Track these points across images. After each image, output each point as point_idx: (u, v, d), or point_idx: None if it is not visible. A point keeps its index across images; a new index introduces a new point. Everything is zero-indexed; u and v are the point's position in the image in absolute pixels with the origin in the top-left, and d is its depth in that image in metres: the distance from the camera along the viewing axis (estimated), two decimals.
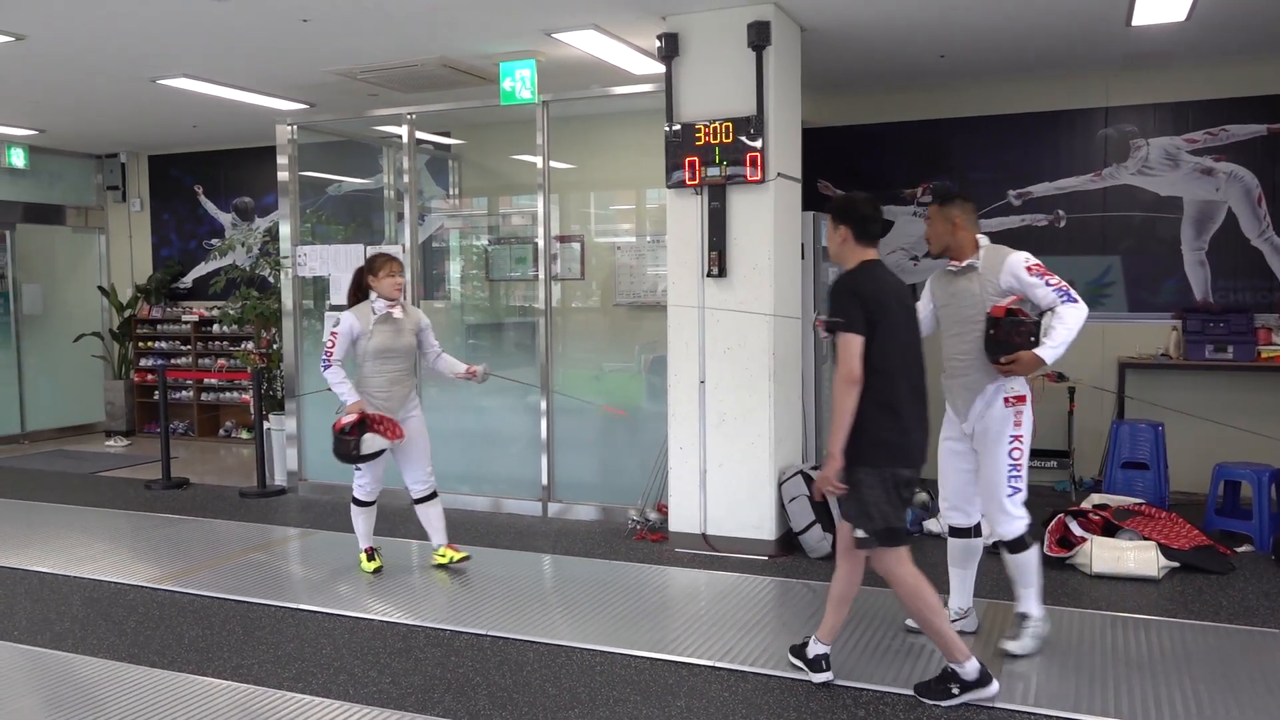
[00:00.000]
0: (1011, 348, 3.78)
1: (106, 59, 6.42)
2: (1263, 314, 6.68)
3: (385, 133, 7.91)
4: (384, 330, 5.05)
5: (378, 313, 5.05)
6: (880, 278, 3.64)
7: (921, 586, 3.55)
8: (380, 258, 5.08)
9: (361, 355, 5.06)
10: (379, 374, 5.06)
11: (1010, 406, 3.90)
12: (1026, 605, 4.06)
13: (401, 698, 3.72)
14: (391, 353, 5.07)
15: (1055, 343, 3.73)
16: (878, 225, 3.71)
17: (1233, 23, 5.74)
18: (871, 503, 3.54)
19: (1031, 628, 4.03)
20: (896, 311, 3.60)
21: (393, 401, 5.07)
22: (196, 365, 10.04)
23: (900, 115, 7.54)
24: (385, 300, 5.05)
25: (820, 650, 3.77)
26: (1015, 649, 3.98)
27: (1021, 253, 3.90)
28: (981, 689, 3.53)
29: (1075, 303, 3.76)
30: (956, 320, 4.00)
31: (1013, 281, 3.85)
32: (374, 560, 5.32)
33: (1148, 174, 6.93)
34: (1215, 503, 5.80)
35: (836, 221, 3.70)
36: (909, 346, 3.63)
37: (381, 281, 5.03)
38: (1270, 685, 3.71)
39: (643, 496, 6.18)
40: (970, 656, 3.54)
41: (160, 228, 10.58)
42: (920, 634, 4.19)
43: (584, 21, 5.65)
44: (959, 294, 3.99)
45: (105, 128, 9.05)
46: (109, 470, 8.45)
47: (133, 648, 4.27)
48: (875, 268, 3.66)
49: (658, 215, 6.56)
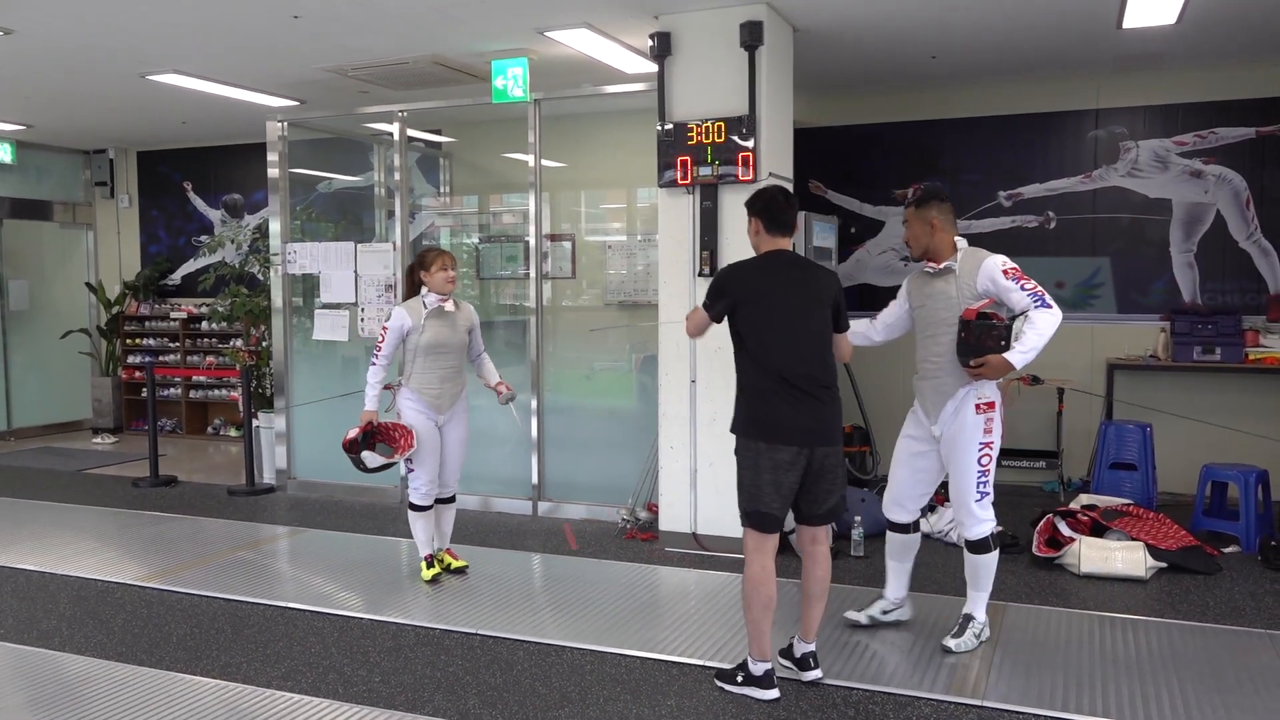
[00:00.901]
0: (982, 350, 3.78)
1: (95, 54, 6.38)
2: (1250, 316, 6.72)
3: (376, 130, 7.89)
4: (435, 325, 4.92)
5: (429, 307, 4.92)
6: (767, 267, 3.70)
7: (763, 583, 3.60)
8: (433, 251, 4.96)
9: (413, 351, 4.93)
10: (431, 370, 4.93)
11: (981, 414, 3.91)
12: (974, 607, 4.11)
13: (391, 696, 3.71)
14: (444, 348, 4.93)
15: (1025, 348, 3.73)
16: (788, 216, 3.75)
17: (1223, 26, 5.77)
18: (744, 479, 3.62)
19: (973, 629, 4.07)
20: (776, 299, 3.62)
21: (444, 400, 4.95)
22: (185, 362, 10.00)
23: (892, 116, 7.56)
24: (437, 295, 4.93)
25: (806, 649, 3.78)
26: (954, 646, 4.02)
27: (999, 256, 3.90)
28: (760, 689, 3.62)
29: (1049, 308, 3.75)
30: (931, 322, 4.01)
31: (989, 284, 3.84)
32: (433, 567, 5.09)
33: (1137, 176, 6.96)
34: (1202, 503, 5.83)
35: (750, 213, 3.80)
36: (787, 333, 3.60)
37: (434, 276, 4.90)
38: (1257, 685, 3.73)
39: (633, 496, 6.18)
40: (768, 661, 3.64)
41: (149, 224, 10.53)
42: (867, 627, 4.29)
43: (576, 20, 5.64)
44: (935, 295, 4.00)
45: (94, 123, 9.00)
46: (96, 468, 8.41)
47: (120, 646, 4.25)
48: (771, 258, 3.73)
49: (649, 214, 6.56)
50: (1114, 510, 5.57)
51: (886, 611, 4.32)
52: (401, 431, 4.90)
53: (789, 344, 3.61)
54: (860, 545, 5.45)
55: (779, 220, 3.73)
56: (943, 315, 3.94)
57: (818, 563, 3.76)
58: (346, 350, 7.43)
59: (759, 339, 3.61)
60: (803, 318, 3.64)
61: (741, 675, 3.68)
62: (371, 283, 6.96)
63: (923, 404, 4.08)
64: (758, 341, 3.61)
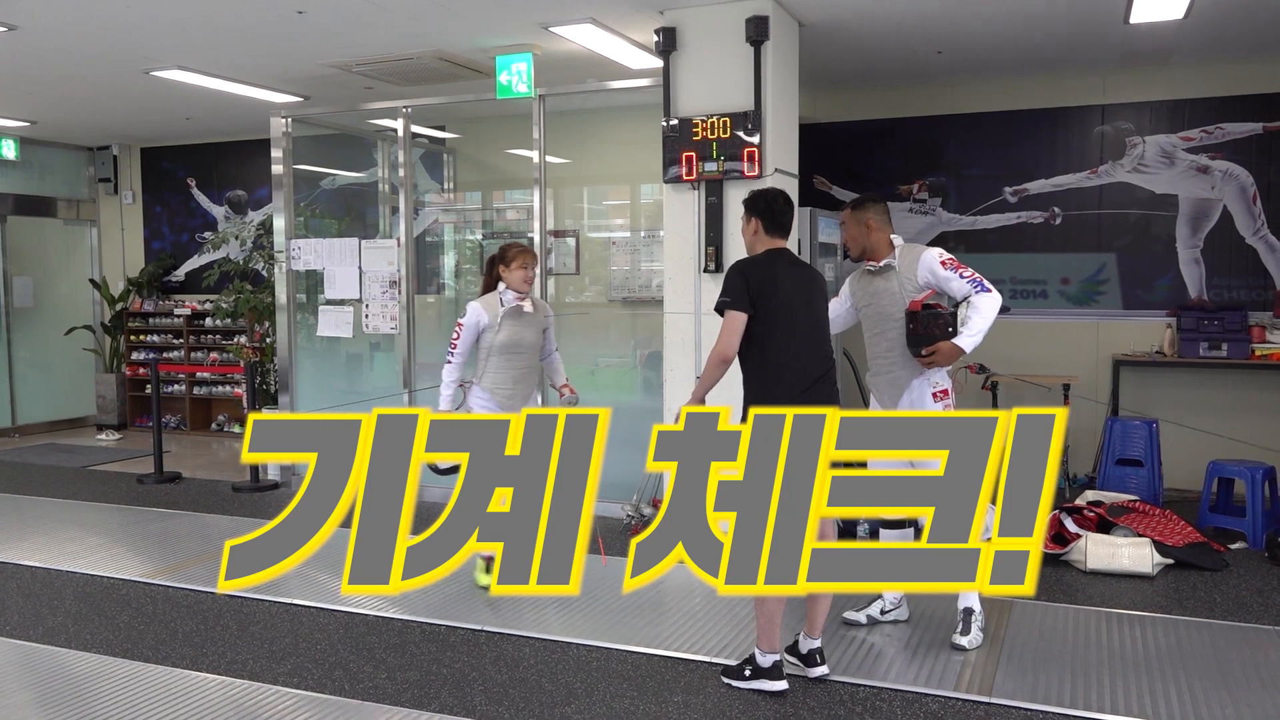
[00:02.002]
0: (931, 339, 3.91)
1: (99, 50, 6.38)
2: (1257, 312, 6.70)
3: (380, 126, 7.89)
4: (512, 324, 4.72)
5: (506, 304, 4.72)
6: (774, 264, 3.72)
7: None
8: (514, 247, 4.75)
9: (486, 350, 4.73)
10: (504, 369, 4.74)
11: (939, 401, 4.04)
12: (970, 601, 4.13)
13: (397, 693, 3.71)
14: (519, 348, 4.75)
15: (973, 331, 3.87)
16: (788, 219, 3.81)
17: (1230, 21, 5.75)
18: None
19: (976, 622, 4.09)
20: (787, 294, 3.66)
21: (516, 400, 4.78)
22: (189, 359, 10.00)
23: (897, 111, 7.54)
24: (515, 292, 4.73)
25: (812, 645, 3.77)
26: (966, 644, 4.02)
27: (935, 248, 4.06)
28: (770, 680, 3.62)
29: (989, 292, 3.90)
30: (878, 319, 4.12)
31: (929, 276, 3.98)
32: (491, 572, 4.79)
33: (1143, 171, 6.94)
34: (1209, 500, 5.82)
35: (748, 214, 3.84)
36: (798, 327, 3.66)
37: (513, 272, 4.69)
38: (1264, 680, 3.72)
39: (638, 492, 6.17)
40: (776, 653, 3.62)
41: (152, 220, 10.53)
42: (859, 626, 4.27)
43: (581, 15, 5.63)
44: (879, 293, 4.11)
45: (97, 119, 9.00)
46: (100, 464, 8.41)
47: (126, 643, 4.25)
48: (776, 255, 3.76)
49: (653, 210, 6.55)
50: (1120, 506, 5.56)
51: (885, 611, 4.32)
52: None
53: (798, 338, 3.66)
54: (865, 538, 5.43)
55: (779, 222, 3.80)
56: (889, 311, 4.07)
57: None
58: (351, 346, 7.43)
59: (768, 332, 3.64)
60: (808, 312, 3.73)
61: (749, 669, 3.67)
62: (376, 279, 6.96)
63: (879, 399, 4.19)
64: (767, 335, 3.64)
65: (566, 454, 2.74)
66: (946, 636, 4.11)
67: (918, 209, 7.51)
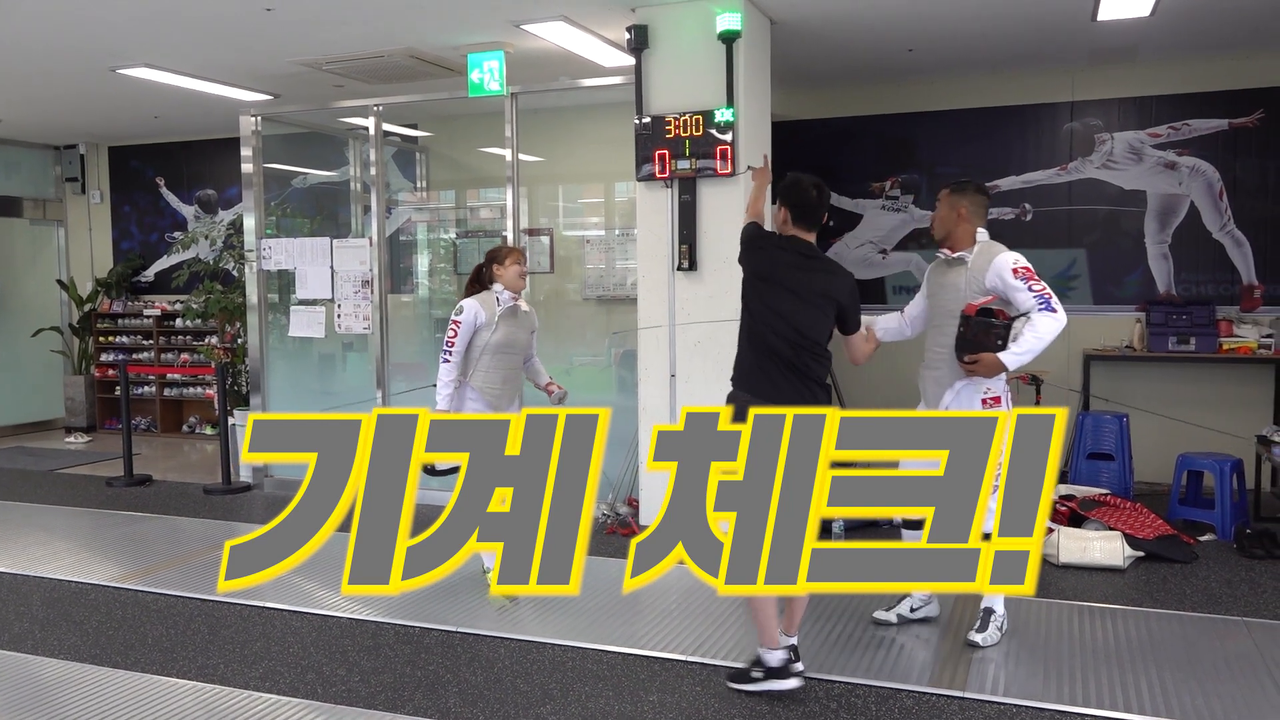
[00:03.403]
0: (978, 348, 3.77)
1: (64, 47, 6.28)
2: (1224, 306, 6.78)
3: (351, 124, 7.83)
4: (508, 324, 4.72)
5: (503, 304, 4.71)
6: (784, 247, 3.73)
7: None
8: (506, 247, 4.80)
9: (480, 348, 4.70)
10: (496, 369, 4.73)
11: (987, 408, 3.87)
12: (994, 600, 4.11)
13: (371, 696, 3.68)
14: (512, 348, 4.75)
15: (1021, 350, 3.71)
16: (818, 212, 3.74)
17: (1196, 19, 5.81)
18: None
19: (995, 622, 4.08)
20: (781, 276, 3.68)
21: (503, 400, 4.77)
22: (159, 360, 9.89)
23: (869, 109, 7.57)
24: (510, 292, 4.73)
25: (788, 642, 3.72)
26: (981, 641, 4.02)
27: (1013, 254, 3.86)
28: (780, 680, 3.57)
29: (1053, 312, 3.72)
30: (941, 313, 4.01)
31: (997, 281, 3.82)
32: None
33: (1112, 168, 7.00)
34: (1179, 492, 5.88)
35: (779, 200, 3.77)
36: (775, 313, 3.66)
37: (508, 270, 4.70)
38: (1233, 671, 3.77)
39: (613, 490, 6.16)
40: (779, 647, 3.58)
41: (121, 220, 10.40)
42: (889, 625, 4.23)
43: (553, 13, 5.61)
44: (945, 286, 4.00)
45: (63, 118, 8.87)
46: (69, 467, 8.30)
47: (95, 648, 4.20)
48: (791, 241, 3.75)
49: (628, 209, 6.54)
50: (1092, 500, 5.61)
51: (914, 609, 4.27)
52: None
53: (774, 323, 3.65)
54: (841, 537, 5.44)
55: (808, 214, 3.73)
56: (949, 307, 3.93)
57: None
58: (323, 347, 7.37)
59: (754, 307, 3.72)
60: (790, 305, 3.65)
61: (758, 671, 3.60)
62: (348, 278, 6.91)
63: (924, 394, 4.09)
64: (751, 309, 3.73)
65: (566, 454, 2.72)
66: (917, 632, 4.13)
67: (890, 206, 7.55)
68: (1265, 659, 3.89)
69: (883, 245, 7.58)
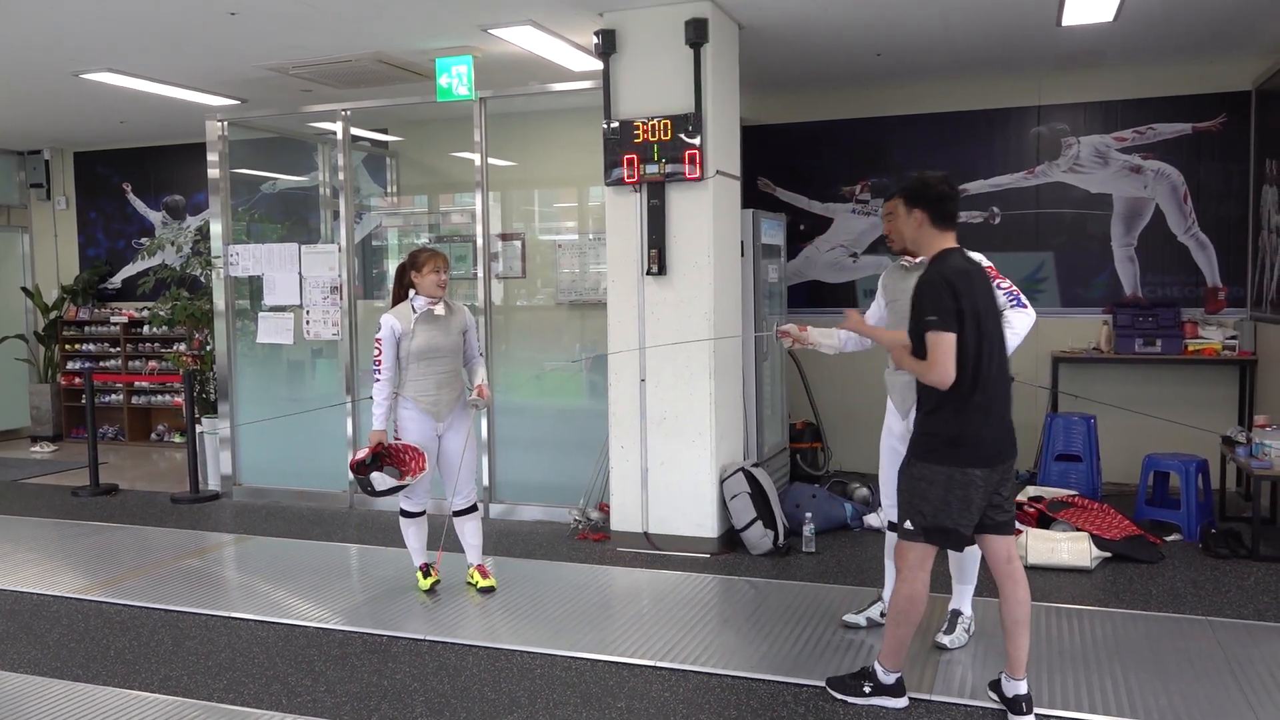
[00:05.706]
0: None
1: (25, 51, 6.19)
2: (1189, 308, 6.85)
3: (320, 129, 7.76)
4: (426, 329, 4.70)
5: (417, 310, 4.71)
6: (967, 271, 3.33)
7: (922, 600, 3.42)
8: (425, 253, 4.74)
9: (405, 357, 4.70)
10: (424, 376, 4.71)
11: None
12: (961, 602, 4.14)
13: (337, 706, 3.64)
14: (436, 353, 4.72)
15: None
16: (954, 205, 3.39)
17: (1158, 24, 5.87)
18: (930, 495, 3.34)
19: (963, 624, 4.11)
20: (980, 307, 3.29)
21: (441, 406, 4.74)
22: (126, 368, 9.77)
23: (838, 113, 7.60)
24: (426, 298, 4.72)
25: (1018, 690, 3.41)
26: (949, 643, 4.05)
27: (976, 254, 3.78)
28: (893, 697, 3.53)
29: (1024, 308, 3.71)
30: (904, 317, 3.96)
31: None
32: (430, 576, 4.95)
33: (1079, 171, 7.06)
34: (1145, 493, 5.94)
35: (910, 205, 3.41)
36: (988, 344, 3.30)
37: (425, 278, 4.68)
38: (1197, 671, 3.80)
39: (585, 496, 6.14)
40: (900, 670, 3.54)
41: (87, 226, 10.27)
42: (858, 629, 4.24)
43: (521, 17, 5.59)
44: (908, 291, 3.96)
45: (27, 124, 8.75)
46: (34, 477, 8.18)
47: (55, 661, 4.13)
48: (960, 258, 3.36)
49: (601, 213, 6.52)
50: (1060, 501, 5.65)
51: (884, 614, 4.27)
52: (412, 454, 4.67)
53: (988, 355, 3.31)
54: (812, 541, 5.46)
55: (947, 211, 3.37)
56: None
57: (1019, 583, 3.39)
58: (292, 354, 7.31)
59: (967, 353, 3.25)
60: (994, 326, 3.35)
61: (870, 685, 3.53)
62: (316, 284, 6.86)
63: (893, 398, 4.07)
64: (964, 355, 3.25)
65: None
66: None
67: (860, 210, 7.58)
68: (1229, 658, 3.92)
69: (853, 249, 7.61)
